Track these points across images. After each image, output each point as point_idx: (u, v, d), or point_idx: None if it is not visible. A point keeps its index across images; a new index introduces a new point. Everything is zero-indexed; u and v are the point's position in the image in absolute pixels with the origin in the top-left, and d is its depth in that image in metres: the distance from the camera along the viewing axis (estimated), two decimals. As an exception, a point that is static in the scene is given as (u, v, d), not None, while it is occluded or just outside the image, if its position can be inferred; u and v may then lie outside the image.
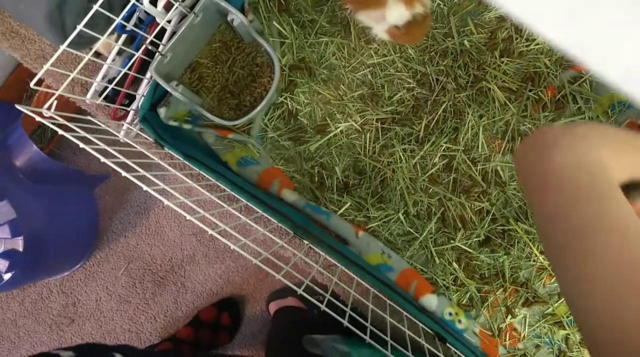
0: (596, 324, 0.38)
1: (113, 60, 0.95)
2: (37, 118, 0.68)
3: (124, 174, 0.68)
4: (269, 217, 0.94)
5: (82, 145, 0.67)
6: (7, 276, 1.48)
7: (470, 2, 1.04)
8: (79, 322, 1.93)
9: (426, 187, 1.03)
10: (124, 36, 0.95)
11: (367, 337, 0.76)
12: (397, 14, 0.86)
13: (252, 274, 1.84)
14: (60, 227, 1.65)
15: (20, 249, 1.47)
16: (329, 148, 1.06)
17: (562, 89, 1.00)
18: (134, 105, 0.97)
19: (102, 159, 0.67)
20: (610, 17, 0.13)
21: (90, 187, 1.87)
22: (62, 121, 0.72)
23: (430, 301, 0.98)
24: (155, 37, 0.90)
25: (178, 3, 0.89)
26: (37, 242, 1.50)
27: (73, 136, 0.67)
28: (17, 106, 0.68)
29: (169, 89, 0.90)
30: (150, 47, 0.91)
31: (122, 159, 0.70)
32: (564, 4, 0.13)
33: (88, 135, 0.70)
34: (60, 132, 0.68)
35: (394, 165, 1.03)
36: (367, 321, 0.81)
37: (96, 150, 0.68)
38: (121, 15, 0.82)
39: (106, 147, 0.69)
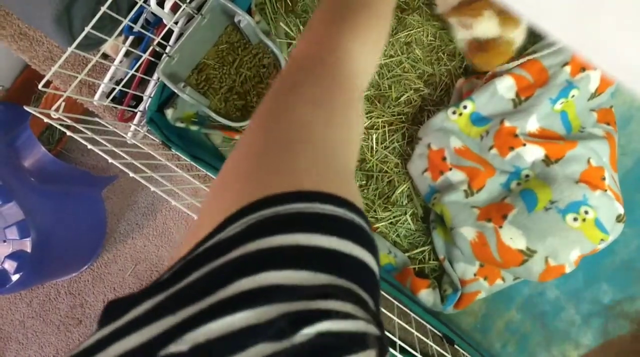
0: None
1: (120, 61, 0.96)
2: (46, 119, 0.68)
3: (131, 174, 0.68)
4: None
5: (90, 146, 0.67)
6: (15, 277, 1.49)
7: (478, 3, 1.03)
8: (87, 324, 1.93)
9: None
10: (131, 38, 0.95)
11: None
12: (486, 28, 0.86)
13: (259, 275, 1.84)
14: (68, 228, 1.65)
15: (29, 250, 1.48)
16: (336, 149, 1.06)
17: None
18: (141, 107, 0.97)
19: (110, 160, 0.68)
20: (619, 15, 0.13)
21: (98, 189, 1.87)
22: (69, 122, 0.72)
23: (426, 296, 0.98)
24: (162, 38, 0.91)
25: (185, 4, 0.89)
26: (45, 243, 1.51)
27: (81, 137, 0.68)
28: (26, 107, 0.68)
29: (176, 91, 0.90)
30: (157, 49, 0.91)
31: (130, 160, 0.70)
32: (571, 2, 0.13)
33: (96, 137, 0.70)
34: (68, 133, 0.68)
35: (401, 167, 1.03)
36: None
37: (104, 151, 0.68)
38: (128, 17, 0.83)
39: (114, 148, 0.70)
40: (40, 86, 0.72)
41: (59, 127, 0.71)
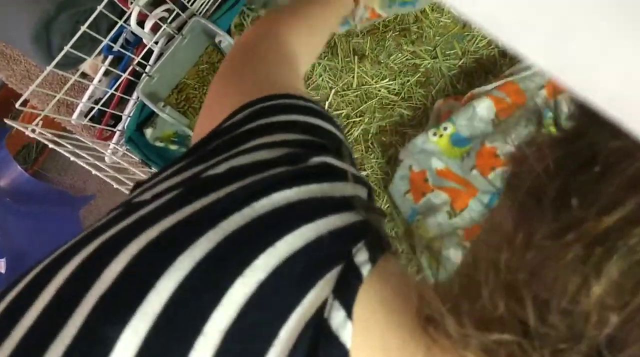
0: None
1: (99, 81, 0.95)
2: (27, 132, 0.68)
3: (115, 186, 0.68)
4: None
5: (72, 158, 0.67)
6: (-12, 299, 1.46)
7: (455, 25, 1.05)
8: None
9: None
10: (110, 57, 0.95)
11: None
12: None
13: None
14: (43, 248, 1.62)
15: (3, 270, 1.45)
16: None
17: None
18: (120, 126, 0.97)
19: (94, 172, 0.68)
20: (596, 39, 0.13)
21: (75, 208, 1.85)
22: (50, 137, 0.72)
23: None
24: (142, 58, 0.91)
25: (166, 25, 0.89)
26: (19, 264, 1.48)
27: (64, 150, 0.68)
28: (6, 121, 0.68)
29: (155, 110, 0.90)
30: (137, 68, 0.91)
31: (112, 173, 0.70)
32: (548, 26, 0.13)
33: (78, 151, 0.70)
34: (51, 145, 0.68)
35: (381, 188, 1.04)
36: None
37: (87, 163, 0.68)
38: (108, 37, 0.83)
39: (96, 162, 0.70)
40: (17, 105, 0.71)
41: (41, 140, 0.71)
